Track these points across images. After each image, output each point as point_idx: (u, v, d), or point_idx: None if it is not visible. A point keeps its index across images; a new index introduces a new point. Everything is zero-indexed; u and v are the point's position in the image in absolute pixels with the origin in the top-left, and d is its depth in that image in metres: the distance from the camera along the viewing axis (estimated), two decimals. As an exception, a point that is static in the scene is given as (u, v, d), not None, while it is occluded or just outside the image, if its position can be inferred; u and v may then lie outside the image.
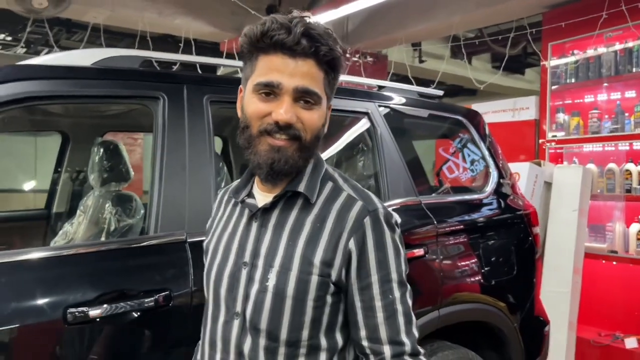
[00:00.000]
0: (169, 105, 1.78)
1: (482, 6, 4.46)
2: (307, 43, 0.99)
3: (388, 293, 1.01)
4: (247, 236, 1.09)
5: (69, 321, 1.41)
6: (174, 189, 1.72)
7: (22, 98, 1.57)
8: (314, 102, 1.03)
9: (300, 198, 1.07)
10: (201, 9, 5.11)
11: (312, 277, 1.01)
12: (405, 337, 1.01)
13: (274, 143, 1.01)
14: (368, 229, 1.02)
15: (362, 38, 5.70)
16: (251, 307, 1.03)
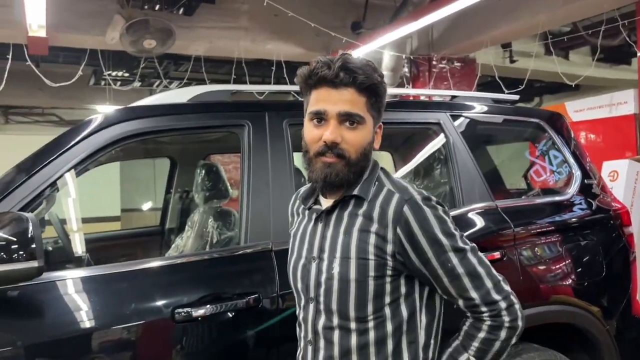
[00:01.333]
0: (253, 130, 2.02)
1: (568, 2, 4.33)
2: (345, 75, 1.19)
3: (446, 262, 1.18)
4: (315, 235, 1.31)
5: (177, 320, 1.68)
6: (260, 204, 1.95)
7: (134, 134, 1.89)
8: (358, 123, 1.21)
9: (352, 199, 1.27)
10: (289, 33, 5.44)
11: (369, 262, 1.20)
12: (473, 292, 1.18)
13: (325, 160, 1.21)
14: (409, 215, 1.19)
15: (447, 44, 5.73)
16: (323, 292, 1.24)
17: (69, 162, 1.76)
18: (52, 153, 1.77)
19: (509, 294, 1.21)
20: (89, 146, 1.80)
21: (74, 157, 1.77)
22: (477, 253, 1.22)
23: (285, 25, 5.38)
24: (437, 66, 5.82)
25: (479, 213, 2.27)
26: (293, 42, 5.47)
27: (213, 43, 5.13)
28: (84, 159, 1.78)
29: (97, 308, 1.66)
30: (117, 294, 1.71)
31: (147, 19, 4.39)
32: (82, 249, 2.46)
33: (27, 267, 1.39)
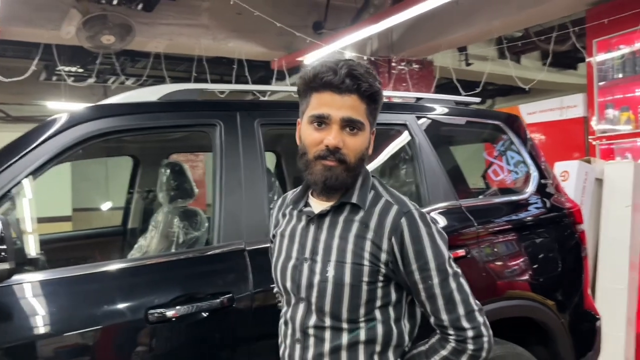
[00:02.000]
0: (225, 130, 2.02)
1: (523, 9, 4.51)
2: (350, 82, 1.22)
3: (427, 279, 1.23)
4: (306, 237, 1.32)
5: (150, 320, 1.67)
6: (233, 204, 1.95)
7: (102, 133, 1.86)
8: (358, 129, 1.24)
9: (348, 205, 1.30)
10: (251, 32, 5.42)
11: (363, 268, 1.24)
12: (444, 314, 1.23)
13: (325, 164, 1.24)
14: (405, 227, 1.24)
15: (406, 47, 5.85)
16: (315, 294, 1.26)
17: (36, 161, 1.71)
18: (19, 151, 1.72)
19: (480, 324, 1.23)
20: (57, 144, 1.76)
21: (43, 155, 1.72)
22: (459, 279, 1.26)
23: (247, 23, 5.37)
24: (397, 68, 5.94)
25: (443, 212, 2.34)
26: (254, 41, 5.46)
27: (173, 40, 5.06)
28: (53, 157, 1.74)
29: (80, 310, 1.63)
30: (82, 296, 1.68)
31: (105, 14, 4.28)
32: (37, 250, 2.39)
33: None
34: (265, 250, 1.94)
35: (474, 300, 1.26)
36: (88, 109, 1.91)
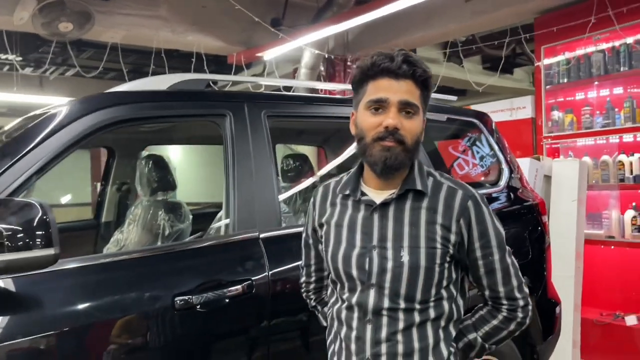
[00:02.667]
0: (234, 121, 2.04)
1: (478, 15, 4.78)
2: (407, 67, 1.28)
3: (488, 255, 1.33)
4: (371, 226, 1.35)
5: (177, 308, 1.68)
6: (245, 193, 1.98)
7: (113, 122, 1.83)
8: (413, 112, 1.30)
9: (411, 193, 1.34)
10: (212, 26, 5.37)
11: (437, 251, 1.31)
12: (501, 286, 1.34)
13: (385, 144, 1.28)
14: (472, 210, 1.33)
15: (361, 47, 6.00)
16: (390, 278, 1.30)
17: (53, 149, 1.67)
18: (34, 140, 1.67)
19: (527, 295, 1.36)
20: (73, 131, 1.72)
21: (59, 143, 1.68)
22: (511, 255, 1.37)
23: (206, 17, 5.31)
24: (352, 67, 6.08)
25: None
26: (214, 34, 5.41)
27: (131, 31, 4.92)
28: (70, 145, 1.69)
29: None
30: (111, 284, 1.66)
31: (63, 0, 4.10)
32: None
33: (44, 254, 1.32)
34: (278, 238, 2.01)
35: (520, 274, 1.37)
36: (105, 96, 1.87)
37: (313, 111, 2.44)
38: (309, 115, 2.44)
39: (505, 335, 1.37)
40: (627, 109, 4.08)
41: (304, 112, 2.40)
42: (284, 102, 2.28)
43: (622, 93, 4.24)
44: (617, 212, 4.19)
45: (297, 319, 1.99)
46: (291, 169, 3.43)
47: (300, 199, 3.37)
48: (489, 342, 1.38)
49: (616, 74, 4.18)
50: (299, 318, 2.00)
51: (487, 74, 8.04)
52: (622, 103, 4.14)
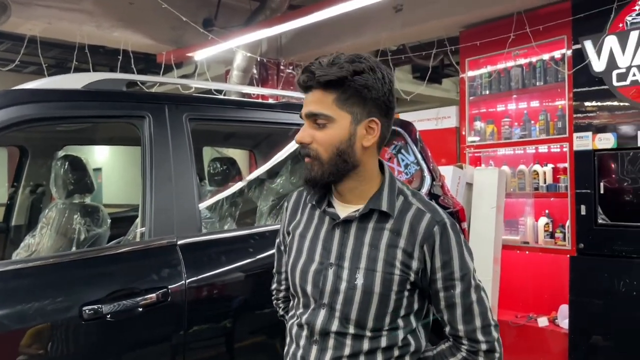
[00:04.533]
0: (154, 123, 1.98)
1: (407, 25, 4.91)
2: (306, 77, 1.22)
3: (450, 288, 1.22)
4: (331, 241, 1.27)
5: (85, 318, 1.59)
6: (163, 198, 1.93)
7: (21, 121, 1.73)
8: (325, 121, 1.21)
9: (377, 212, 1.25)
10: (140, 23, 5.20)
11: (394, 277, 1.21)
12: (461, 324, 1.22)
13: (306, 162, 1.26)
14: (437, 236, 1.22)
15: (294, 52, 6.01)
16: (341, 300, 1.22)
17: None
18: None
19: (494, 340, 1.23)
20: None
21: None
22: (480, 292, 1.24)
23: (134, 13, 5.14)
24: (285, 71, 6.08)
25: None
26: (142, 32, 5.23)
27: (52, 24, 4.66)
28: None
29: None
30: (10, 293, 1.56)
31: (-24, -11, 3.84)
32: None
33: None
34: (197, 244, 1.96)
35: (491, 315, 1.25)
36: (13, 92, 1.76)
37: (240, 115, 2.40)
38: (236, 120, 2.41)
39: None
40: (542, 122, 4.32)
41: (230, 116, 2.36)
42: (208, 105, 2.24)
43: (538, 106, 4.49)
44: (532, 219, 4.43)
45: (215, 327, 1.95)
46: (218, 173, 3.37)
47: (227, 203, 3.32)
48: None
49: (532, 88, 4.42)
50: (218, 326, 1.96)
51: (417, 83, 8.28)
52: (537, 116, 4.38)
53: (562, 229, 4.17)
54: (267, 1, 5.11)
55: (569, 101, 4.07)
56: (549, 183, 4.26)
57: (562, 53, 4.12)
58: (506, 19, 4.37)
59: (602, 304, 3.77)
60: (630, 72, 3.66)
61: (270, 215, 2.86)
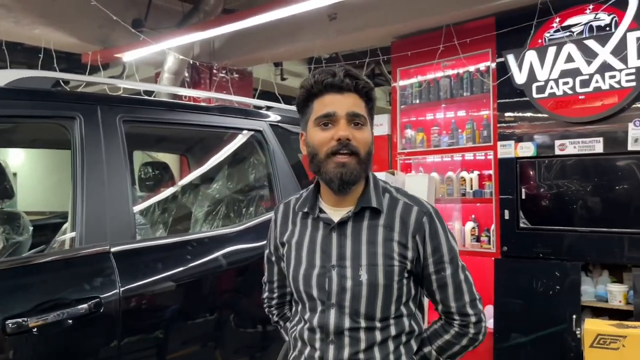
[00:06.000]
0: (85, 124, 1.89)
1: (341, 34, 4.99)
2: (349, 80, 1.30)
3: (440, 270, 1.34)
4: (329, 245, 1.35)
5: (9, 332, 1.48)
6: (95, 204, 1.83)
7: None
8: (362, 124, 1.31)
9: (367, 210, 1.34)
10: (64, 21, 4.94)
11: (394, 268, 1.31)
12: (453, 302, 1.36)
13: (338, 160, 1.27)
14: (426, 225, 1.33)
15: (228, 56, 5.93)
16: (349, 297, 1.31)
17: None
18: None
19: (480, 312, 1.38)
20: None
21: None
22: (465, 271, 1.38)
23: (57, 10, 4.88)
24: (218, 75, 5.99)
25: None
26: (65, 30, 4.97)
27: (-36, 17, 4.34)
28: None
29: None
30: None
31: None
32: None
33: None
34: (131, 251, 1.88)
35: (475, 290, 1.39)
36: None
37: (175, 118, 2.34)
38: (171, 122, 2.34)
39: (458, 350, 1.40)
40: (469, 130, 4.52)
41: (165, 119, 2.30)
42: (144, 106, 2.16)
43: (465, 116, 4.69)
44: (460, 223, 4.61)
45: (151, 337, 1.88)
46: (150, 178, 3.26)
47: (159, 209, 3.21)
48: (443, 356, 1.41)
49: (460, 98, 4.62)
50: (154, 336, 1.89)
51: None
52: (464, 125, 4.57)
53: (487, 233, 4.36)
54: (200, 4, 5.02)
55: (493, 111, 4.28)
56: (475, 189, 4.45)
57: (487, 65, 4.34)
58: (436, 31, 4.54)
59: (524, 303, 3.98)
60: (548, 85, 3.90)
61: (206, 221, 2.80)
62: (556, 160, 3.91)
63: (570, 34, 3.82)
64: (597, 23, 3.71)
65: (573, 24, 3.81)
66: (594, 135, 3.72)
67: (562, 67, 3.84)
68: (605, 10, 3.67)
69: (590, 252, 3.73)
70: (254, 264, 2.29)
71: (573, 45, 3.77)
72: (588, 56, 3.71)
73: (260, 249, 2.29)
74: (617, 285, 3.63)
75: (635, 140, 3.53)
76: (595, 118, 3.69)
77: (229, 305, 2.15)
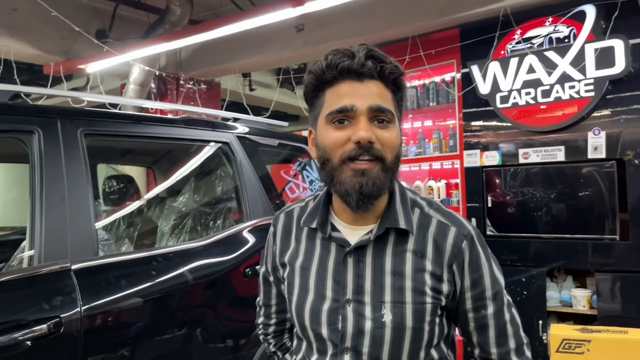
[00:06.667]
0: (44, 139, 1.84)
1: (309, 45, 5.01)
2: (372, 64, 1.00)
3: (481, 308, 1.07)
4: (344, 273, 1.07)
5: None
6: (55, 220, 1.78)
7: None
8: (388, 120, 1.02)
9: (393, 230, 1.06)
10: (25, 31, 4.82)
11: (426, 306, 1.04)
12: (494, 347, 1.09)
13: (357, 167, 0.99)
14: (466, 252, 1.06)
15: (195, 67, 5.89)
16: (369, 342, 1.03)
17: None
18: None
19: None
20: None
21: None
22: (512, 309, 1.11)
23: (18, 21, 4.77)
24: (185, 86, 5.93)
25: (262, 227, 2.49)
26: (26, 41, 4.85)
27: None
28: None
29: None
30: None
31: None
32: None
33: None
34: (93, 269, 1.83)
35: (523, 333, 1.13)
36: None
37: (139, 131, 2.30)
38: (135, 135, 2.30)
39: None
40: (436, 140, 4.58)
41: (129, 132, 2.26)
42: (106, 119, 2.12)
43: (432, 125, 4.75)
44: (428, 232, 4.64)
45: (115, 356, 1.82)
46: (114, 192, 3.19)
47: (124, 223, 3.15)
48: None
49: (426, 108, 4.68)
50: (118, 354, 1.84)
51: (318, 101, 8.42)
52: (431, 134, 4.63)
53: (455, 241, 4.41)
54: (166, 15, 4.98)
55: (459, 121, 4.35)
56: (442, 198, 4.50)
57: (453, 76, 4.41)
58: (402, 43, 4.60)
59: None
60: (511, 95, 3.99)
61: (173, 235, 2.75)
62: (520, 169, 3.99)
63: (531, 45, 3.92)
64: (556, 35, 3.82)
65: (534, 35, 3.91)
66: (556, 144, 3.81)
67: (524, 77, 3.93)
68: (564, 22, 3.78)
69: (555, 258, 3.81)
70: (222, 279, 2.26)
71: (534, 57, 3.87)
72: (548, 67, 3.81)
73: (227, 262, 2.28)
74: (581, 290, 3.72)
75: (594, 148, 3.64)
76: (557, 127, 3.79)
77: (196, 321, 2.11)
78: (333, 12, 4.31)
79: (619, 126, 3.58)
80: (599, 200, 3.66)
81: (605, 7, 3.60)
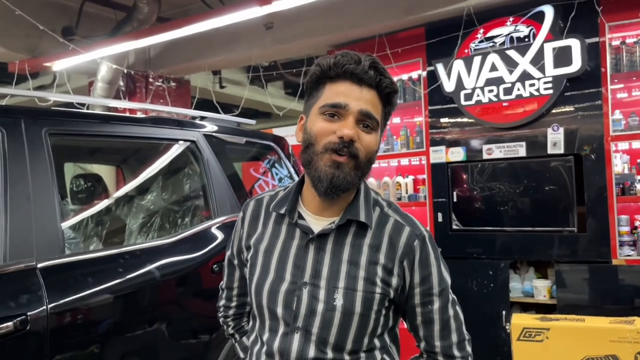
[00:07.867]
0: (8, 139, 1.84)
1: (278, 43, 5.05)
2: (374, 74, 1.11)
3: (427, 304, 1.17)
4: (305, 258, 1.16)
5: None
6: (20, 219, 1.79)
7: None
8: (372, 128, 1.13)
9: (353, 224, 1.16)
10: (-11, 28, 4.75)
11: (375, 295, 1.14)
12: (437, 340, 1.19)
13: (335, 159, 1.10)
14: (417, 250, 1.16)
15: (164, 64, 5.87)
16: (319, 323, 1.13)
17: None
18: None
19: (468, 355, 1.22)
20: None
21: None
22: (456, 306, 1.22)
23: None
24: (154, 84, 5.90)
25: (230, 224, 2.53)
26: (-9, 38, 4.78)
27: None
28: None
29: None
30: None
31: None
32: None
33: None
34: (60, 267, 1.85)
35: (465, 329, 1.23)
36: None
37: (105, 130, 2.31)
38: (101, 134, 2.31)
39: None
40: (403, 137, 4.67)
41: (95, 131, 2.27)
42: (72, 119, 2.13)
43: (400, 123, 4.85)
44: (397, 227, 4.73)
45: (83, 353, 1.85)
46: (82, 190, 3.18)
47: (92, 222, 3.14)
48: None
49: (395, 105, 4.76)
50: (86, 352, 1.86)
51: (289, 98, 8.48)
52: (399, 131, 4.72)
53: (423, 236, 4.51)
54: (134, 12, 4.95)
55: (425, 118, 4.45)
56: (410, 193, 4.60)
57: (419, 74, 4.51)
58: (369, 41, 4.67)
59: (459, 302, 4.14)
60: (474, 93, 4.11)
61: (141, 233, 2.77)
62: (484, 164, 4.12)
63: (493, 44, 4.03)
64: (517, 34, 3.94)
65: (495, 35, 4.03)
66: (518, 140, 3.94)
67: (487, 75, 4.04)
68: (524, 22, 3.90)
69: (518, 251, 3.94)
70: (189, 275, 2.29)
71: (496, 55, 3.98)
72: (510, 65, 3.93)
73: (195, 259, 2.31)
74: (542, 281, 3.86)
75: (554, 144, 3.77)
76: (518, 124, 3.92)
77: (164, 317, 2.14)
78: (301, 11, 4.36)
79: (577, 122, 3.73)
80: (559, 194, 3.80)
81: (562, 7, 3.74)
